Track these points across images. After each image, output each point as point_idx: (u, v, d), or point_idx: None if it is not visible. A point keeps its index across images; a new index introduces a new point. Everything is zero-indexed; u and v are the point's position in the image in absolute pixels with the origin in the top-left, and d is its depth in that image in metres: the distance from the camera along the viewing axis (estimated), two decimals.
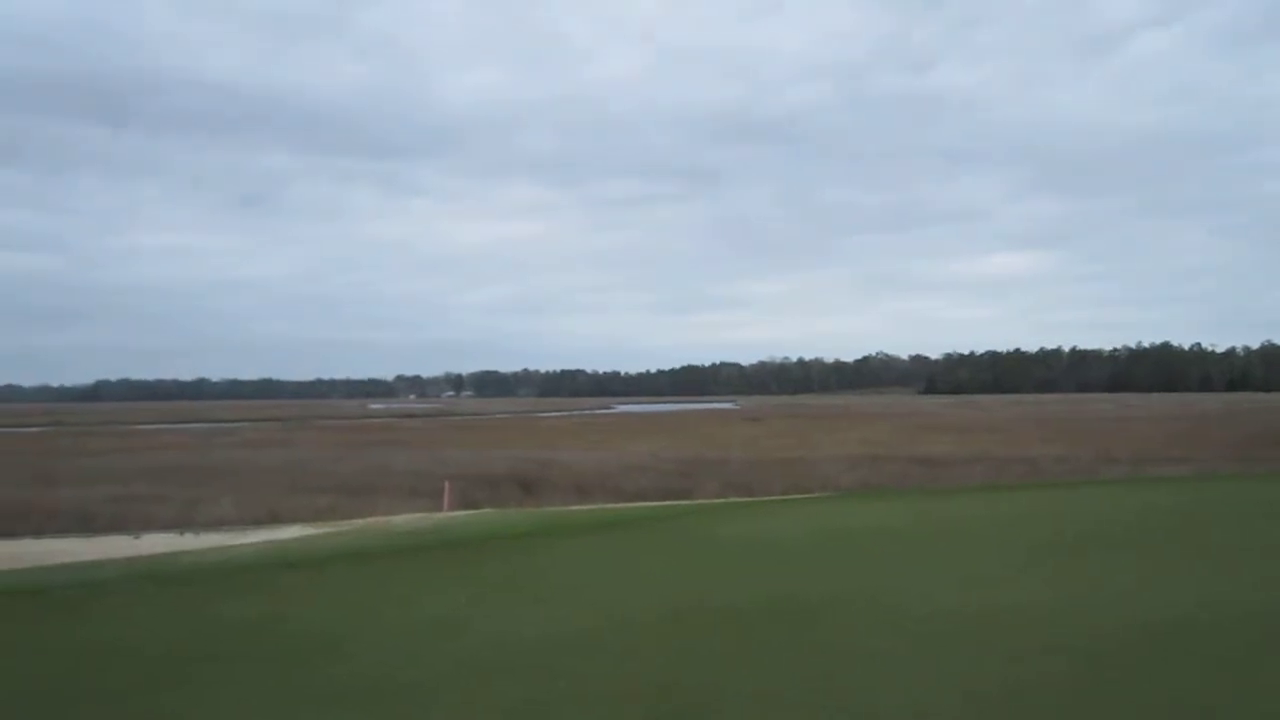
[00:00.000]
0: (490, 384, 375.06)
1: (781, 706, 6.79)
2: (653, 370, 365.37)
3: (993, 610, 9.49)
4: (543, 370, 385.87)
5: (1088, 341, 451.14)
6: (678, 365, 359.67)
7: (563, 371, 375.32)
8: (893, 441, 53.66)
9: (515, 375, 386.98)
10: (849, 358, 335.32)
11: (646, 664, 7.91)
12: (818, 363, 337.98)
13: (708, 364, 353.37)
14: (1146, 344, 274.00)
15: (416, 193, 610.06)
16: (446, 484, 28.24)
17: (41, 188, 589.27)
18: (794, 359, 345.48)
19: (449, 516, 22.43)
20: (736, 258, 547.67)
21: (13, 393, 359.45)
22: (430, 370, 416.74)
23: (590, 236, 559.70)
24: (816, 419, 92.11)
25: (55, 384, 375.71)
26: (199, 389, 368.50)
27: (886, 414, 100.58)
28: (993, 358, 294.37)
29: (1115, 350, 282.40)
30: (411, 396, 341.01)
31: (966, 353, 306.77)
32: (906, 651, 8.10)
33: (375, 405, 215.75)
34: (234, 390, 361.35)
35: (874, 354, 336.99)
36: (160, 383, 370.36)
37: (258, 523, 24.71)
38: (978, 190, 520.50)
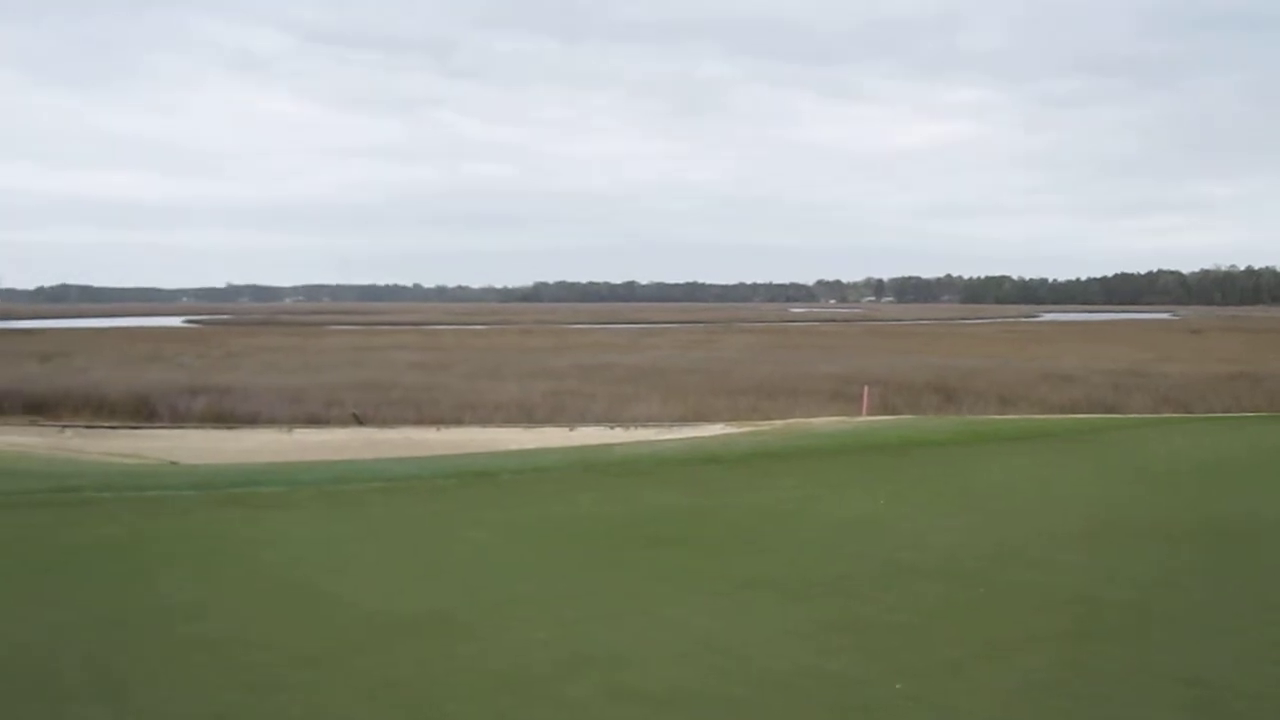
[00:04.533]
0: (911, 289, 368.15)
1: (1214, 631, 6.50)
2: (1083, 277, 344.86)
3: None
4: (966, 276, 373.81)
5: None
6: (1110, 273, 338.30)
7: (987, 277, 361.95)
8: None
9: (937, 281, 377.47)
10: None
11: (1068, 577, 7.77)
12: (1269, 271, 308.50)
13: (1143, 271, 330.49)
14: None
15: (853, 97, 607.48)
16: (865, 389, 28.29)
17: (502, 101, 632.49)
18: (1242, 267, 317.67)
19: (868, 421, 22.53)
20: (1182, 157, 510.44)
21: (463, 293, 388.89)
22: (850, 275, 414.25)
23: (1025, 137, 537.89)
24: (1266, 332, 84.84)
25: (499, 285, 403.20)
26: (629, 291, 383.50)
27: None
28: None
29: None
30: (831, 301, 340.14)
31: None
32: None
33: (796, 309, 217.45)
34: (661, 293, 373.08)
35: None
36: (592, 285, 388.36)
37: (683, 420, 25.67)
38: None
